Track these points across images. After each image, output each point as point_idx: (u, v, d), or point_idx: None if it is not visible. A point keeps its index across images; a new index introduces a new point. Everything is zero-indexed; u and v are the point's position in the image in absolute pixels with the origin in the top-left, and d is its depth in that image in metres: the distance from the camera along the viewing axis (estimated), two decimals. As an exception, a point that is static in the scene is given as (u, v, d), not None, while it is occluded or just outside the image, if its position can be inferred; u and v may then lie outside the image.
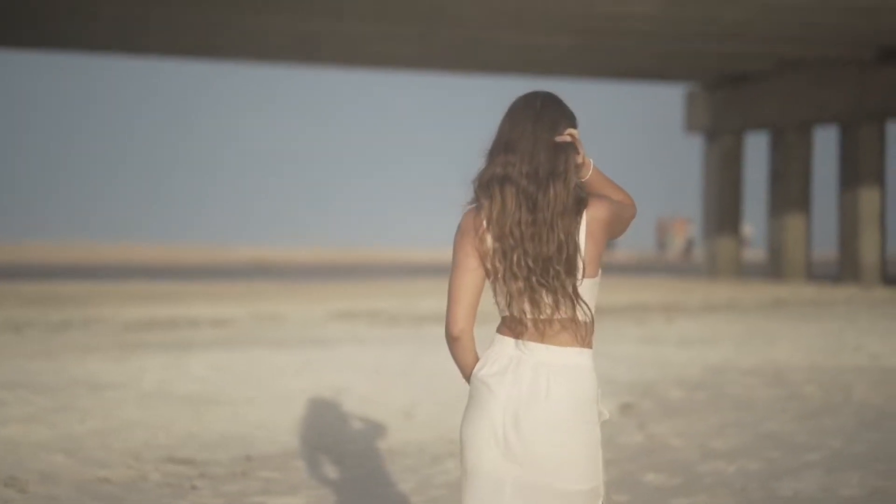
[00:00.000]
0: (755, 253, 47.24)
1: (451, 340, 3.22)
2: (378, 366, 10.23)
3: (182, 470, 6.72)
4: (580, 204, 3.17)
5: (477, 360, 3.23)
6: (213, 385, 9.18)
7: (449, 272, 3.20)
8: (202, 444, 7.37)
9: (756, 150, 31.15)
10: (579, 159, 3.19)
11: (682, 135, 32.32)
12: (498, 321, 3.25)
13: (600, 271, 3.22)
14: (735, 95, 30.16)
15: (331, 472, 6.85)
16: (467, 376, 3.24)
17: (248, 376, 9.60)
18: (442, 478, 6.80)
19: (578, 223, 3.15)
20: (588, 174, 3.24)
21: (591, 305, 3.19)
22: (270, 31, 24.32)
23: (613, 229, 3.23)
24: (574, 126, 3.22)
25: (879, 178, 26.85)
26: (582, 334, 3.19)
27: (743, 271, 31.38)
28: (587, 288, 3.18)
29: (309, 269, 40.83)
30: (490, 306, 3.32)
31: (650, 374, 10.61)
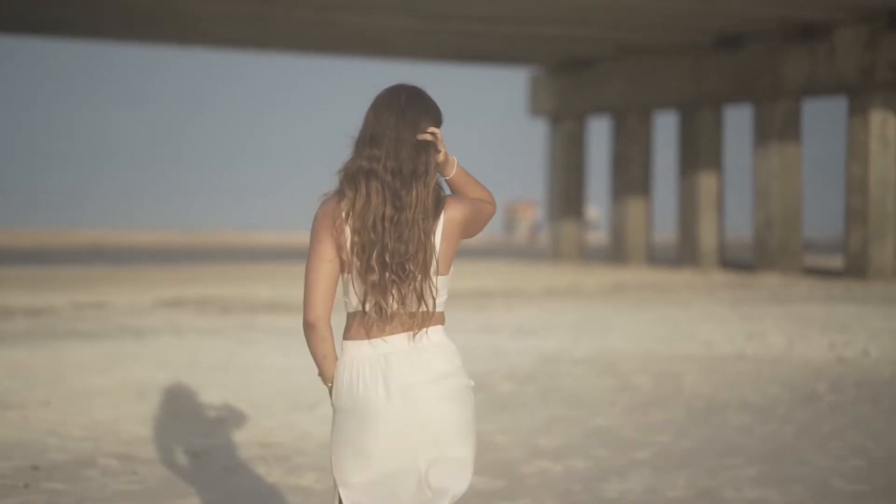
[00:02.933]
0: (600, 235, 47.82)
1: (308, 328, 3.20)
2: (193, 361, 9.62)
3: (-45, 484, 6.05)
4: (439, 204, 3.21)
5: (334, 351, 3.22)
6: (1, 386, 8.43)
7: (304, 259, 3.00)
8: (-18, 453, 6.68)
9: (600, 134, 31.34)
10: (440, 157, 3.22)
11: (527, 118, 32.30)
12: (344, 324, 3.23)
13: (452, 269, 3.26)
14: (578, 80, 30.25)
15: (124, 482, 6.26)
16: (324, 372, 3.22)
17: (45, 375, 8.87)
18: (248, 485, 6.29)
19: (437, 224, 3.19)
20: (452, 172, 3.27)
21: (443, 300, 3.26)
22: (106, 7, 23.23)
23: (470, 229, 3.28)
24: (438, 123, 3.23)
25: (717, 163, 27.26)
26: (428, 318, 3.23)
27: (587, 254, 31.58)
28: (441, 284, 3.23)
29: (149, 253, 39.60)
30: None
31: (482, 365, 10.28)
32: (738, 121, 29.47)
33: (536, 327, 13.36)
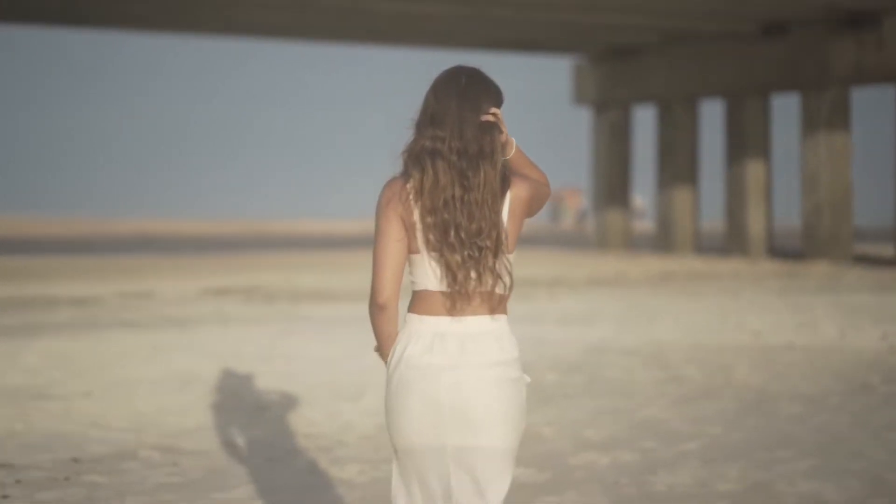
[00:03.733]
0: (647, 224, 47.45)
1: (378, 309, 3.22)
2: (237, 351, 9.56)
3: (-3, 475, 6.01)
4: (505, 183, 3.22)
5: (397, 329, 3.24)
6: (44, 377, 8.40)
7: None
8: (24, 445, 6.65)
9: (645, 123, 31.04)
10: (503, 138, 3.23)
11: (572, 107, 32.06)
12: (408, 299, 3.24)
13: (516, 248, 3.28)
14: (622, 68, 29.96)
15: (165, 474, 6.20)
16: (386, 351, 3.25)
17: (88, 365, 8.84)
18: (289, 478, 6.21)
19: (504, 202, 3.21)
20: (511, 153, 3.29)
21: (510, 279, 3.25)
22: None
23: (532, 208, 3.30)
24: (498, 104, 3.24)
25: (765, 151, 26.90)
26: (497, 303, 3.23)
27: (633, 243, 31.31)
28: (506, 263, 3.23)
29: (197, 242, 39.76)
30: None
31: (527, 356, 10.13)
32: (785, 109, 29.08)
33: (581, 317, 13.20)
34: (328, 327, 11.78)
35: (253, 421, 7.40)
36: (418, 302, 3.23)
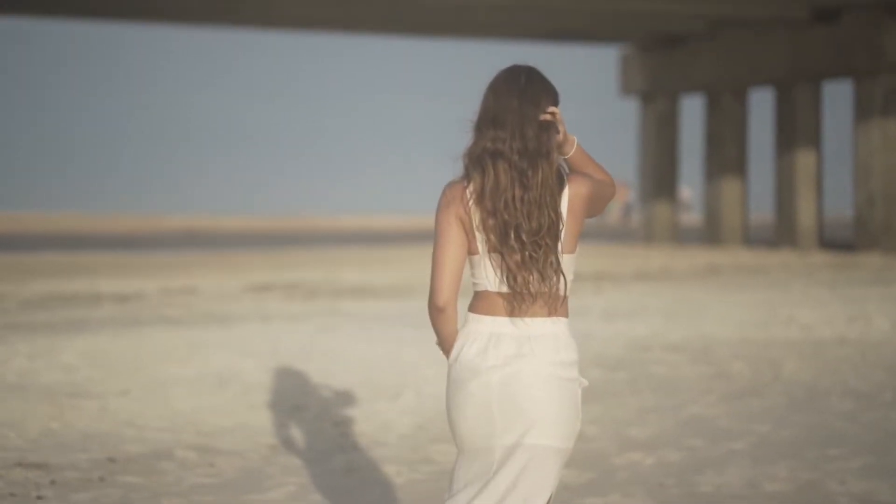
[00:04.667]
0: (695, 217, 47.02)
1: (437, 311, 3.23)
2: (276, 348, 9.45)
3: (31, 476, 5.94)
4: (562, 181, 3.22)
5: (457, 328, 3.25)
6: (82, 375, 8.34)
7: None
8: (60, 444, 6.58)
9: (692, 113, 30.69)
10: (560, 137, 3.24)
11: (618, 97, 31.76)
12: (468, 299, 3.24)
13: (578, 248, 3.28)
14: (670, 58, 29.62)
15: (201, 474, 6.10)
16: (447, 349, 3.26)
17: (126, 363, 8.77)
18: (326, 478, 6.09)
19: (561, 200, 3.21)
20: (571, 151, 3.28)
21: (570, 279, 3.26)
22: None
23: (593, 206, 3.28)
24: (556, 102, 3.25)
25: (815, 141, 26.47)
26: (558, 305, 3.24)
27: (680, 236, 30.98)
28: (568, 262, 3.24)
29: (241, 238, 39.88)
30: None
31: (571, 351, 9.96)
32: (837, 97, 28.60)
33: (627, 312, 12.99)
34: (369, 324, 11.67)
35: (290, 420, 7.29)
36: (478, 302, 3.25)
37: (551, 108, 3.22)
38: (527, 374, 3.20)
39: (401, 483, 6.01)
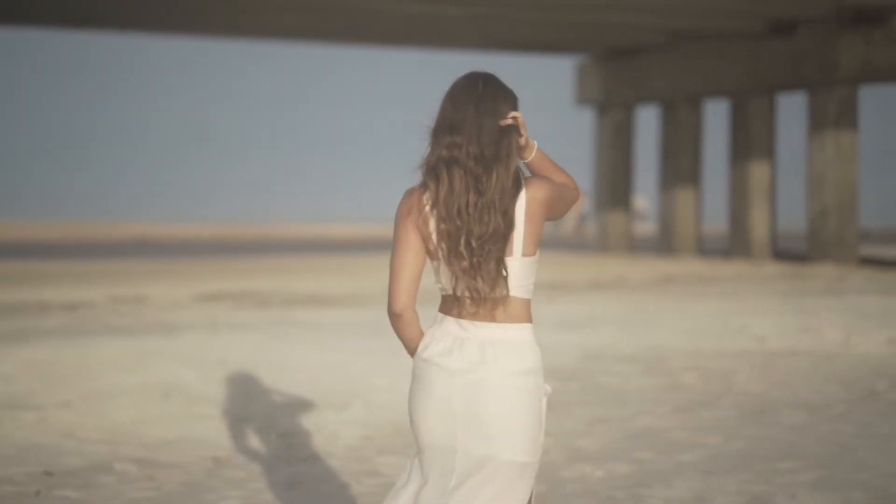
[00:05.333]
0: (649, 227, 47.20)
1: (394, 317, 3.27)
2: (223, 358, 9.29)
3: (-36, 491, 5.76)
4: (518, 184, 3.22)
5: (421, 331, 3.29)
6: (21, 386, 8.14)
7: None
8: (-5, 457, 6.39)
9: (648, 123, 30.77)
10: (522, 141, 3.25)
11: (574, 107, 31.80)
12: (439, 301, 3.28)
13: (538, 252, 3.27)
14: (626, 68, 29.71)
15: (140, 488, 5.94)
16: (412, 351, 3.30)
17: (68, 373, 8.58)
18: (270, 492, 5.96)
19: (516, 203, 3.21)
20: (531, 155, 3.30)
21: (530, 282, 3.26)
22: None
23: (553, 209, 3.29)
24: (515, 107, 3.26)
25: (770, 152, 26.63)
26: (520, 310, 3.24)
27: (635, 246, 31.05)
28: (526, 266, 3.23)
29: (194, 246, 39.52)
30: (431, 285, 3.31)
31: (523, 362, 9.87)
32: (791, 109, 28.79)
33: (580, 321, 12.93)
34: (320, 333, 11.53)
35: (235, 432, 7.14)
36: (444, 304, 3.29)
37: (513, 113, 3.24)
38: (490, 385, 3.20)
39: (346, 496, 5.89)
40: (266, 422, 7.34)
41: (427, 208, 3.21)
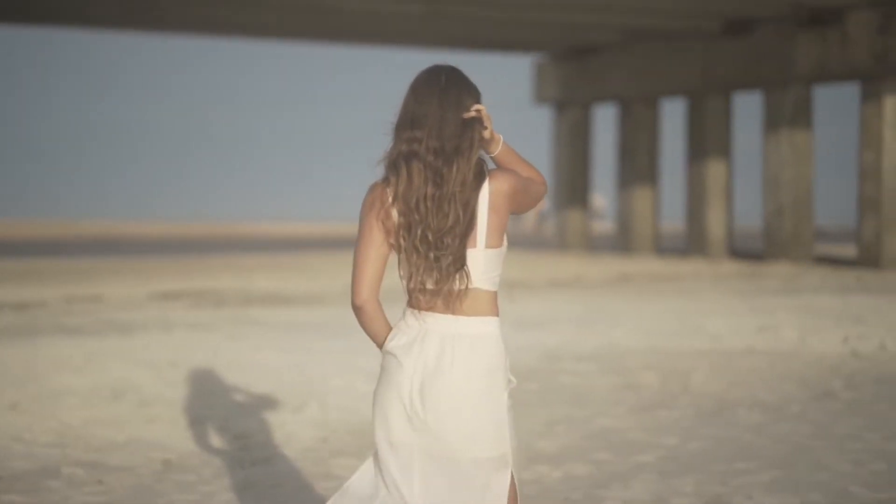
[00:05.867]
0: (608, 225, 47.33)
1: (356, 310, 3.27)
2: (177, 358, 9.15)
3: None
4: (481, 177, 3.21)
5: (386, 325, 3.28)
6: (-32, 388, 7.97)
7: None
8: (-60, 461, 6.24)
9: (605, 122, 30.82)
10: (487, 134, 3.25)
11: (532, 106, 31.82)
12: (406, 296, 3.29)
13: (506, 242, 3.25)
14: (583, 67, 29.74)
15: (89, 492, 5.82)
16: (379, 345, 3.29)
17: (17, 374, 8.40)
18: (222, 496, 5.85)
19: (478, 196, 3.19)
20: (497, 149, 3.29)
21: (495, 275, 3.23)
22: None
23: (518, 202, 3.26)
24: (478, 100, 3.26)
25: (726, 151, 26.75)
26: (484, 303, 3.22)
27: (593, 244, 31.10)
28: (490, 258, 3.21)
29: (160, 245, 39.12)
30: (397, 281, 3.31)
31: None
32: (747, 108, 28.95)
33: (539, 321, 12.89)
34: (277, 333, 11.40)
35: (187, 434, 7.03)
36: (409, 298, 3.29)
37: (477, 106, 3.23)
38: (449, 384, 3.19)
39: (300, 499, 5.80)
40: (220, 423, 7.23)
41: (389, 202, 3.21)
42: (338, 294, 16.03)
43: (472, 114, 3.23)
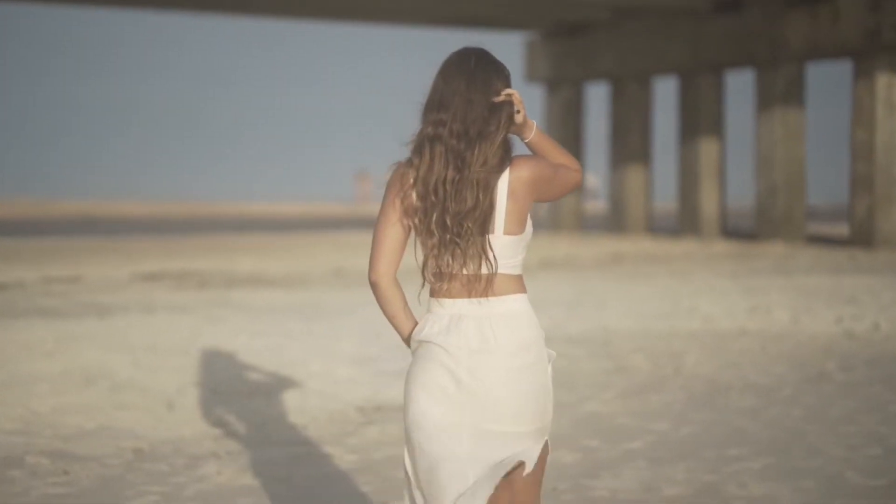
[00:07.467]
0: (600, 204, 47.10)
1: (371, 286, 3.26)
2: (154, 342, 8.89)
3: None
4: (504, 162, 3.19)
5: (404, 313, 3.27)
6: (-67, 373, 7.72)
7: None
8: None
9: (597, 101, 30.56)
10: (519, 118, 3.23)
11: (524, 84, 31.52)
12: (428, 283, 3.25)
13: (530, 229, 3.24)
14: (574, 46, 29.45)
15: (52, 483, 5.57)
16: (397, 329, 3.29)
17: (-14, 359, 8.15)
18: (194, 487, 5.60)
19: (498, 181, 3.17)
20: (531, 135, 3.29)
21: (516, 260, 3.22)
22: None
23: (542, 190, 3.24)
24: (508, 84, 3.23)
25: (718, 130, 26.51)
26: (510, 283, 3.22)
27: (585, 224, 30.88)
28: (508, 245, 3.20)
29: (144, 225, 38.82)
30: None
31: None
32: (739, 86, 28.68)
33: (530, 302, 12.65)
34: (257, 316, 11.15)
35: (160, 421, 6.78)
36: (436, 284, 3.25)
37: (508, 90, 3.21)
38: (490, 365, 3.18)
39: (277, 488, 5.56)
40: (194, 410, 6.98)
41: (409, 183, 3.21)
42: (320, 276, 15.78)
43: (503, 98, 3.21)
